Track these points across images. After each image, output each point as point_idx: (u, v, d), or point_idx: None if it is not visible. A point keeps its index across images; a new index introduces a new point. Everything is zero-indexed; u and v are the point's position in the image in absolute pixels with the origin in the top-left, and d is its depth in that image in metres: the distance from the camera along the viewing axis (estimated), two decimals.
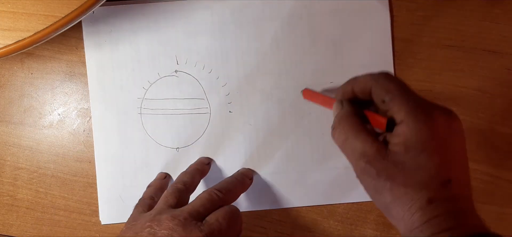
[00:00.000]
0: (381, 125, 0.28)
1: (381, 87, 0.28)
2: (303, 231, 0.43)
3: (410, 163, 0.25)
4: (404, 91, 0.27)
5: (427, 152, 0.25)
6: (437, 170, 0.25)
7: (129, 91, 0.42)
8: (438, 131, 0.26)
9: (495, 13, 0.41)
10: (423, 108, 0.26)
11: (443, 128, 0.26)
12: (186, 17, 0.42)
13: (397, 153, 0.26)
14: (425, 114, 0.26)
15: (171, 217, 0.31)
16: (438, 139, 0.26)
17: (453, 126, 0.27)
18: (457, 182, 0.26)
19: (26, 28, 0.30)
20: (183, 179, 0.38)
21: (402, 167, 0.26)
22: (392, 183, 0.26)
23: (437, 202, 0.25)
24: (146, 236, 0.31)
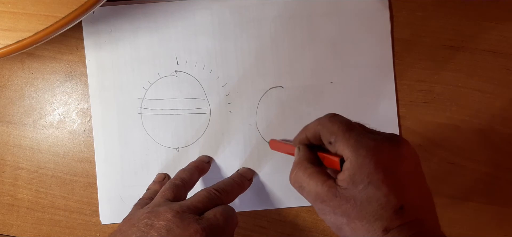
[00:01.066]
0: (335, 164, 0.29)
1: (326, 130, 0.29)
2: (303, 231, 0.43)
3: (360, 196, 0.26)
4: (346, 129, 0.28)
5: (374, 183, 0.26)
6: (387, 199, 0.26)
7: (129, 91, 0.42)
8: (382, 161, 0.26)
9: (495, 13, 0.41)
10: (364, 142, 0.27)
11: (388, 157, 0.27)
12: (186, 17, 0.42)
13: (347, 189, 0.27)
14: (366, 148, 0.27)
15: (169, 209, 0.31)
16: (383, 169, 0.26)
17: (400, 152, 0.27)
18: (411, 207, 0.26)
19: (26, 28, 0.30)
20: (181, 176, 0.38)
21: (354, 202, 0.26)
22: (348, 218, 0.27)
23: (393, 230, 0.26)
24: (144, 228, 0.31)
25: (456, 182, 0.42)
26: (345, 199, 0.27)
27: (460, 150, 0.42)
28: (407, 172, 0.27)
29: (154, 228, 0.30)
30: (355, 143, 0.27)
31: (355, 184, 0.26)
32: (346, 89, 0.42)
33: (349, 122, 0.30)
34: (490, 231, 0.42)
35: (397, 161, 0.27)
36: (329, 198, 0.27)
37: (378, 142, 0.27)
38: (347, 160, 0.27)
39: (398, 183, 0.26)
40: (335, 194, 0.27)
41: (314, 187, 0.28)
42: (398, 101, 0.42)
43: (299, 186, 0.30)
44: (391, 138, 0.28)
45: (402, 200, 0.26)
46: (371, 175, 0.26)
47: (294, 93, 0.42)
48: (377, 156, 0.27)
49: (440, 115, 0.42)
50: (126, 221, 0.33)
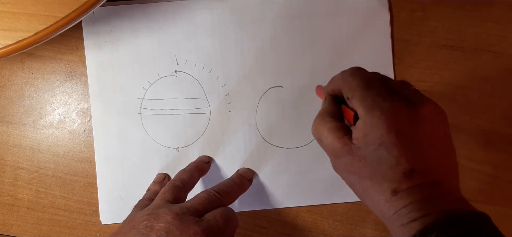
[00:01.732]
0: (350, 118, 0.29)
1: (346, 85, 0.29)
2: (303, 231, 0.43)
3: (371, 156, 0.26)
4: (365, 87, 0.28)
5: (385, 145, 0.26)
6: (397, 161, 0.26)
7: (129, 91, 0.42)
8: (396, 124, 0.26)
9: (495, 13, 0.41)
10: (380, 103, 0.27)
11: (403, 119, 0.26)
12: (186, 17, 0.42)
13: (359, 148, 0.27)
14: (381, 109, 0.26)
15: (169, 211, 0.31)
16: (395, 131, 0.26)
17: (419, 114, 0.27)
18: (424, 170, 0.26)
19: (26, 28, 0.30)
20: (181, 177, 0.38)
21: (365, 161, 0.27)
22: (359, 176, 0.27)
23: (401, 193, 0.26)
24: (143, 230, 0.31)
25: None
26: (357, 157, 0.27)
27: (460, 150, 0.42)
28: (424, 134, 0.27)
29: (153, 230, 0.30)
30: (370, 103, 0.27)
31: (367, 144, 0.26)
32: None
33: (369, 77, 0.29)
34: None
35: (413, 124, 0.27)
36: (342, 155, 0.28)
37: (395, 102, 0.27)
38: (361, 118, 0.27)
39: (412, 145, 0.26)
40: (348, 152, 0.27)
41: (331, 141, 0.28)
42: None
43: (318, 138, 0.30)
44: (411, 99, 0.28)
45: (414, 163, 0.26)
46: (383, 137, 0.26)
47: (294, 93, 0.42)
48: (391, 118, 0.26)
49: None
50: (126, 223, 0.33)
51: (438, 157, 0.27)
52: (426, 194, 0.25)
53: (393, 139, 0.26)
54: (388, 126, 0.26)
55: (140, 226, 0.31)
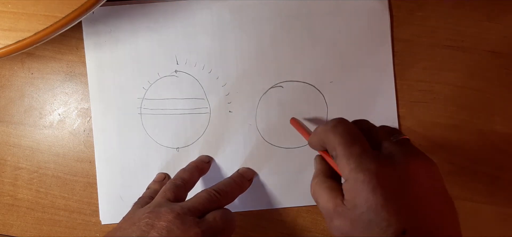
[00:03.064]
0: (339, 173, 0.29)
1: (329, 142, 0.29)
2: (303, 231, 0.43)
3: (361, 220, 0.25)
4: (347, 146, 0.27)
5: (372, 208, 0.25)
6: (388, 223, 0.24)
7: (129, 91, 0.42)
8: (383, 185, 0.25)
9: (495, 13, 0.41)
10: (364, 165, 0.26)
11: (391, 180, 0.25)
12: (186, 17, 0.42)
13: (350, 210, 0.26)
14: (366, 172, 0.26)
15: (170, 210, 0.32)
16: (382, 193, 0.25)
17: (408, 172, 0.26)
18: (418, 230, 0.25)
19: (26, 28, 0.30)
20: (182, 176, 0.38)
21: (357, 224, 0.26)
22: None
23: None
24: (144, 227, 0.31)
25: (456, 182, 0.42)
26: (349, 219, 0.26)
27: (460, 150, 0.42)
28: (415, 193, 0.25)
29: (154, 228, 0.30)
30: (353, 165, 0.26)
31: (355, 207, 0.26)
32: (346, 89, 0.42)
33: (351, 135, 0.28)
34: (490, 231, 0.42)
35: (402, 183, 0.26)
36: (335, 216, 0.27)
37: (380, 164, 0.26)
38: (346, 181, 0.27)
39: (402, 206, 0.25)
40: (340, 214, 0.27)
41: (325, 202, 0.28)
42: (398, 101, 0.42)
43: (315, 199, 0.30)
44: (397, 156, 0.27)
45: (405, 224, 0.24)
46: (370, 200, 0.25)
47: (294, 93, 0.42)
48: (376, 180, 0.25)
49: (440, 115, 0.42)
50: (126, 219, 0.33)
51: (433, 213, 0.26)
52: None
53: (381, 201, 0.25)
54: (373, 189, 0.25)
55: (141, 224, 0.31)
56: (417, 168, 0.26)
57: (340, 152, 0.27)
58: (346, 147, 0.27)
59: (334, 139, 0.28)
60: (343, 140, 0.28)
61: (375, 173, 0.26)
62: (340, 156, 0.27)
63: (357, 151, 0.27)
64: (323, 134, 0.30)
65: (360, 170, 0.26)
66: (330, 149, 0.29)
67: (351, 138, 0.28)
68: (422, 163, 0.27)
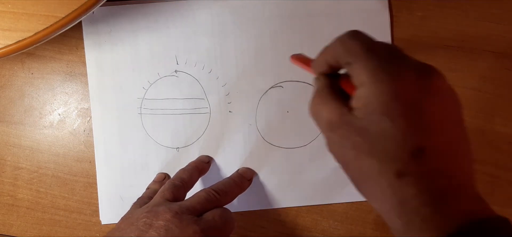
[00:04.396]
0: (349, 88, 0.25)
1: (344, 49, 0.25)
2: (303, 231, 0.43)
3: (373, 129, 0.22)
4: (368, 49, 0.24)
5: (390, 115, 0.22)
6: (404, 136, 0.21)
7: (129, 91, 0.42)
8: (405, 92, 0.22)
9: (495, 13, 0.41)
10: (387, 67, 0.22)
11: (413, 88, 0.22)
12: (186, 17, 0.42)
13: (360, 119, 0.23)
14: (388, 74, 0.22)
15: (169, 209, 0.31)
16: (404, 100, 0.22)
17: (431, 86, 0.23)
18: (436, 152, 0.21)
19: (26, 28, 0.30)
20: (181, 176, 0.38)
21: (366, 133, 0.22)
22: (357, 153, 0.23)
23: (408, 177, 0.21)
24: (142, 227, 0.31)
25: None
26: (356, 129, 0.23)
27: None
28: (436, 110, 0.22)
29: (153, 228, 0.30)
30: (375, 66, 0.22)
31: (369, 113, 0.22)
32: None
33: (372, 41, 0.25)
34: None
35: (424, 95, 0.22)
36: (338, 126, 0.24)
37: (403, 68, 0.23)
38: (363, 86, 0.23)
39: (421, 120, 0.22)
40: (346, 122, 0.23)
41: (326, 113, 0.25)
42: None
43: (315, 112, 0.26)
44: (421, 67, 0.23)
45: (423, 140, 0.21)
46: (387, 105, 0.22)
47: (294, 93, 0.42)
48: (398, 84, 0.22)
49: None
50: (124, 219, 0.33)
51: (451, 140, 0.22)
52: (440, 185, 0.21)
53: (400, 109, 0.21)
54: (394, 93, 0.22)
55: (139, 223, 0.31)
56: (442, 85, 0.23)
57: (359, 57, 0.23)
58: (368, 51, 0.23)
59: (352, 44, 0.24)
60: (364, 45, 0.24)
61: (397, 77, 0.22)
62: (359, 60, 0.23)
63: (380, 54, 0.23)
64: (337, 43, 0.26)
65: (381, 70, 0.22)
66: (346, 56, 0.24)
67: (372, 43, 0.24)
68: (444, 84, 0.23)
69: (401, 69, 0.23)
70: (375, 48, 0.24)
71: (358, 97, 0.23)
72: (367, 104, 0.22)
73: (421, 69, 0.23)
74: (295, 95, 0.42)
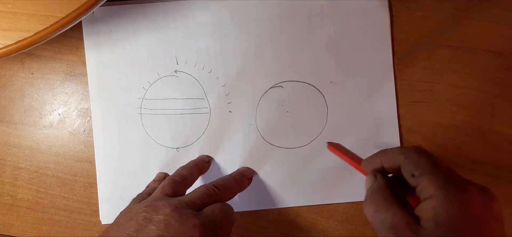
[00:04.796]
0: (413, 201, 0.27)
1: (411, 162, 0.27)
2: (303, 231, 0.43)
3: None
4: (435, 165, 0.26)
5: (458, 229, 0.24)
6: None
7: (129, 91, 0.42)
8: (472, 208, 0.24)
9: (495, 13, 0.41)
10: (455, 183, 0.25)
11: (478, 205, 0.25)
12: (186, 17, 0.42)
13: (426, 229, 0.25)
14: (456, 189, 0.25)
15: (168, 204, 0.31)
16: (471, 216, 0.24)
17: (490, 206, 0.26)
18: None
19: (26, 28, 0.30)
20: (181, 173, 0.38)
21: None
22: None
23: None
24: (142, 221, 0.30)
25: None
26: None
27: (460, 150, 0.42)
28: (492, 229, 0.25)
29: (152, 222, 0.30)
30: (445, 181, 0.25)
31: (437, 225, 0.24)
32: (346, 89, 0.42)
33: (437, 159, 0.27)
34: None
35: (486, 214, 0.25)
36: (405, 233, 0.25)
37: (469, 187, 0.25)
38: (431, 198, 0.25)
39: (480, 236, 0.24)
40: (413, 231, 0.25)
41: (391, 217, 0.26)
42: (398, 101, 0.42)
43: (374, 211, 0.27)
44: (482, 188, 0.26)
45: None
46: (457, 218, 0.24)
47: (294, 93, 0.42)
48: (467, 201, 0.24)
49: (440, 115, 0.42)
50: (123, 214, 0.33)
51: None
52: None
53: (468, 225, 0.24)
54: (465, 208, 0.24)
55: (138, 218, 0.31)
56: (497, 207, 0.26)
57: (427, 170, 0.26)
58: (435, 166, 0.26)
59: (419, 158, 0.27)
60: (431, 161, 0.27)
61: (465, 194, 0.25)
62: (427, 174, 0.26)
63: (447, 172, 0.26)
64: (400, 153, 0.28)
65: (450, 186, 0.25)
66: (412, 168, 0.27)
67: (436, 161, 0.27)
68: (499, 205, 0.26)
69: (468, 187, 0.25)
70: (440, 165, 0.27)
71: (425, 208, 0.25)
72: (436, 215, 0.24)
73: (484, 190, 0.26)
74: (295, 95, 0.42)
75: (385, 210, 0.27)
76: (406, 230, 0.25)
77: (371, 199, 0.28)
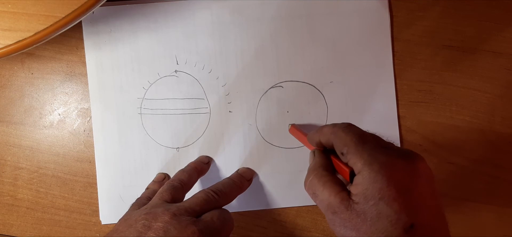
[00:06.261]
0: (345, 175, 0.29)
1: (339, 141, 0.29)
2: (303, 231, 0.43)
3: (370, 212, 0.26)
4: (360, 142, 0.28)
5: (385, 199, 0.26)
6: (398, 216, 0.25)
7: (129, 91, 0.42)
8: (396, 178, 0.26)
9: (495, 13, 0.41)
10: (378, 158, 0.27)
11: (402, 173, 0.27)
12: (186, 17, 0.42)
13: (358, 203, 0.27)
14: (379, 163, 0.27)
15: (167, 211, 0.31)
16: (396, 185, 0.26)
17: (415, 169, 0.27)
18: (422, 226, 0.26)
19: (26, 28, 0.30)
20: (180, 177, 0.38)
21: (364, 216, 0.26)
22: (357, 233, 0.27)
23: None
24: (141, 228, 0.31)
25: (456, 182, 0.42)
26: (356, 213, 0.26)
27: (460, 150, 0.42)
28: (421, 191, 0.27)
29: (151, 229, 0.30)
30: (368, 157, 0.27)
31: (366, 199, 0.26)
32: (346, 89, 0.42)
33: (363, 134, 0.29)
34: (490, 231, 0.42)
35: (411, 179, 0.27)
36: (340, 210, 0.27)
37: (392, 157, 0.27)
38: (359, 174, 0.27)
39: (410, 201, 0.26)
40: (347, 207, 0.27)
41: (327, 196, 0.28)
42: (398, 101, 0.42)
43: (313, 193, 0.30)
44: (406, 154, 0.28)
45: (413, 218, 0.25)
46: (383, 191, 0.26)
47: (294, 93, 0.42)
48: (390, 172, 0.26)
49: (440, 115, 0.42)
50: (122, 221, 0.33)
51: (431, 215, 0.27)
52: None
53: (394, 193, 0.26)
54: (387, 179, 0.26)
55: (137, 225, 0.31)
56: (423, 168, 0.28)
57: (352, 148, 0.28)
58: (359, 143, 0.28)
59: (345, 137, 0.29)
60: (355, 137, 0.29)
61: (388, 165, 0.26)
62: (352, 152, 0.28)
63: (370, 146, 0.28)
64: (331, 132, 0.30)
65: (374, 160, 0.27)
66: (340, 146, 0.29)
67: (362, 137, 0.29)
68: (425, 166, 0.28)
69: (390, 158, 0.27)
70: (365, 141, 0.28)
71: (355, 184, 0.27)
72: (365, 190, 0.26)
73: (407, 156, 0.28)
74: (295, 95, 0.42)
75: (321, 191, 0.29)
76: (341, 207, 0.27)
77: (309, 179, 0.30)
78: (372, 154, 0.27)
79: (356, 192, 0.27)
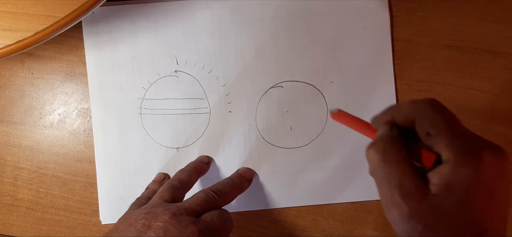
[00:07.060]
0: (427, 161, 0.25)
1: (426, 119, 0.25)
2: (303, 231, 0.43)
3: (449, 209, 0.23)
4: (453, 125, 0.24)
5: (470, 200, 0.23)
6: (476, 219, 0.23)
7: (129, 91, 0.42)
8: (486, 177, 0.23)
9: (495, 13, 0.41)
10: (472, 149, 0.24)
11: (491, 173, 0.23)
12: (186, 17, 0.42)
13: (437, 196, 0.23)
14: (473, 157, 0.23)
15: (167, 210, 0.32)
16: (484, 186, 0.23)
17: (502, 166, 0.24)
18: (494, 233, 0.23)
19: (26, 28, 0.30)
20: (180, 177, 0.38)
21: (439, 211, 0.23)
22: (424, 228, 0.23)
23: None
24: (141, 228, 0.31)
25: None
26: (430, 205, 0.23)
27: None
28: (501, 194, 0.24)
29: (151, 229, 0.30)
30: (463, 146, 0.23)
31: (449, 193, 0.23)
32: (346, 89, 0.42)
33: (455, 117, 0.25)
34: None
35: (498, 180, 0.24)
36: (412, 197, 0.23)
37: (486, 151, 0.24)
38: (447, 163, 0.24)
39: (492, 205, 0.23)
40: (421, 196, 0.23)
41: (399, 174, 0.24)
42: (398, 101, 0.42)
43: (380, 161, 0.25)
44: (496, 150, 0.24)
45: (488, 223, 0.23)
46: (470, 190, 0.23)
47: (294, 93, 0.42)
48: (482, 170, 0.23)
49: None
50: (122, 220, 0.33)
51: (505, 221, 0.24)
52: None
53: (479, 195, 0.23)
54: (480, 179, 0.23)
55: (137, 225, 0.31)
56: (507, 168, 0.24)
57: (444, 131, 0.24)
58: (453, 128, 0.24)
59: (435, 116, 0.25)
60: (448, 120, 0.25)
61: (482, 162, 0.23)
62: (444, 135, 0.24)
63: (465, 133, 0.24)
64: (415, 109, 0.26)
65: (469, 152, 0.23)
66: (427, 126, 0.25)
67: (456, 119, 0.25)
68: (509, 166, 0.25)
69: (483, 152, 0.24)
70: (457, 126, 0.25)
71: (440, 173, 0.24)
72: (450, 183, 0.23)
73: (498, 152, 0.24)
74: (295, 95, 0.42)
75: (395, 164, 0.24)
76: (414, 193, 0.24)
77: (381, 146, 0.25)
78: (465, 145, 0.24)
79: (438, 182, 0.23)
